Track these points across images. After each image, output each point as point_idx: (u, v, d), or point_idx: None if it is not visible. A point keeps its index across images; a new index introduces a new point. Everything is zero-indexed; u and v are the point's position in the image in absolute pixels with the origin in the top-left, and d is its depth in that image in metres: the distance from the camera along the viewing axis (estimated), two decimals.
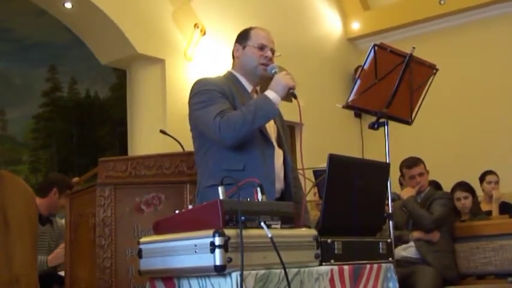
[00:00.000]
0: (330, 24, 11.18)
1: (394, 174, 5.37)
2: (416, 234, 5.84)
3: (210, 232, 2.65)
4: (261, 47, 3.83)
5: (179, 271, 2.82)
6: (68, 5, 7.82)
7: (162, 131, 5.57)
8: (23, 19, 10.02)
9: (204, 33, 8.46)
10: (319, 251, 3.11)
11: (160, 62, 8.24)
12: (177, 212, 2.98)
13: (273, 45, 3.89)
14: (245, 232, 2.70)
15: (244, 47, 3.87)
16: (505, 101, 9.77)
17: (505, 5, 10.01)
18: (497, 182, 7.86)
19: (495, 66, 9.93)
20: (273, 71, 3.76)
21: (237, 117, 3.53)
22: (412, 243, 5.83)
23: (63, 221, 5.95)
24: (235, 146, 3.60)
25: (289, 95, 3.65)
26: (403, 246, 5.84)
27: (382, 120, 4.70)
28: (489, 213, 7.45)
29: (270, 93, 3.60)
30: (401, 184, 7.28)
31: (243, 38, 3.90)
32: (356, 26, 11.35)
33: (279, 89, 3.61)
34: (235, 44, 3.94)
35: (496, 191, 7.72)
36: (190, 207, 3.02)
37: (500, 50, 9.92)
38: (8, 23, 10.29)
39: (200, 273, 2.75)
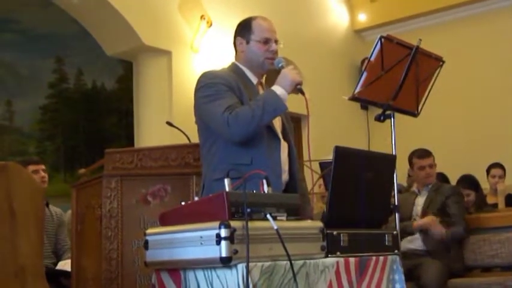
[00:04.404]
0: (337, 16, 11.17)
1: (400, 166, 5.37)
2: (417, 224, 5.81)
3: (216, 224, 2.65)
4: (266, 41, 3.78)
5: (185, 263, 2.83)
6: None
7: (169, 123, 5.58)
8: (29, 10, 10.00)
9: (211, 24, 8.45)
10: (325, 243, 3.12)
11: (167, 53, 8.24)
12: (183, 203, 2.98)
13: (276, 35, 3.83)
14: (251, 224, 2.70)
15: (248, 42, 3.81)
16: (509, 95, 9.76)
17: None
18: (501, 176, 7.87)
19: (503, 58, 9.91)
20: (280, 65, 3.72)
21: (245, 113, 3.50)
22: (417, 235, 5.82)
23: (64, 212, 6.00)
24: (243, 141, 3.59)
25: (296, 90, 3.64)
26: (409, 238, 5.84)
27: (388, 112, 4.70)
28: (495, 205, 7.47)
29: (277, 89, 3.58)
30: (409, 176, 7.28)
31: (245, 30, 3.84)
32: (363, 18, 11.34)
33: (285, 85, 3.59)
34: (236, 36, 3.88)
35: (501, 184, 7.74)
36: (196, 199, 3.03)
37: (509, 42, 9.89)
38: (14, 14, 10.27)
39: (206, 265, 2.75)
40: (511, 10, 10.03)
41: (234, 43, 3.92)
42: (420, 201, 5.99)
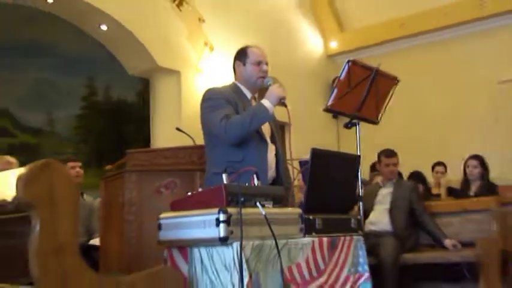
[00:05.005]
0: (313, 44, 11.20)
1: (364, 164, 5.37)
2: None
3: (216, 210, 2.66)
4: (258, 63, 3.85)
5: (191, 241, 2.83)
6: (103, 27, 7.83)
7: (178, 129, 5.56)
8: (66, 37, 10.05)
9: (212, 49, 8.48)
10: (303, 226, 3.13)
11: (177, 73, 8.26)
12: (189, 193, 2.98)
13: (266, 58, 3.91)
14: (244, 210, 2.71)
15: (244, 64, 3.88)
16: (451, 108, 9.84)
17: (444, 32, 10.08)
18: (443, 172, 7.93)
19: (445, 79, 9.99)
20: (268, 83, 3.78)
21: (238, 121, 3.56)
22: (377, 219, 5.79)
23: (95, 199, 5.99)
24: (237, 143, 3.62)
25: (280, 103, 3.68)
26: (372, 220, 5.81)
27: (354, 120, 4.71)
28: (438, 196, 7.50)
29: (265, 102, 3.62)
30: (374, 170, 7.29)
31: (242, 55, 3.91)
32: (334, 45, 11.37)
33: (272, 99, 3.63)
34: (235, 60, 3.94)
35: (443, 178, 7.80)
36: (200, 190, 3.03)
37: (450, 67, 9.98)
38: (54, 41, 10.33)
39: (208, 243, 2.76)
40: (453, 40, 10.10)
41: (233, 66, 3.97)
42: (384, 191, 5.94)
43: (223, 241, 2.64)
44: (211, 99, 3.72)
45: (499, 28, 9.66)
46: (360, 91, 4.67)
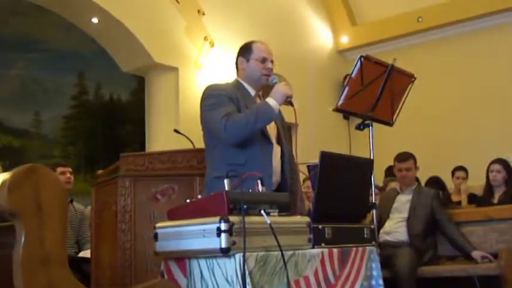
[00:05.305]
0: (322, 38, 11.19)
1: (378, 168, 5.36)
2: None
3: (217, 219, 2.66)
4: (263, 60, 3.86)
5: (190, 252, 2.83)
6: (95, 20, 7.85)
7: (176, 130, 5.56)
8: (54, 32, 10.05)
9: (213, 45, 8.48)
10: (311, 236, 3.13)
11: (174, 70, 8.26)
12: (188, 201, 2.98)
13: (272, 56, 3.91)
14: (247, 219, 2.70)
15: (248, 60, 3.88)
16: (473, 107, 9.80)
17: (466, 24, 10.06)
18: (464, 178, 7.90)
19: (466, 76, 9.96)
20: (274, 81, 3.80)
21: (241, 119, 3.56)
22: (393, 228, 5.78)
23: (85, 207, 6.00)
24: (239, 143, 3.62)
25: (287, 102, 3.68)
26: (387, 230, 5.80)
27: (367, 122, 4.71)
28: (459, 203, 7.49)
29: (270, 101, 3.63)
30: (389, 175, 7.29)
31: (245, 51, 3.92)
32: (345, 40, 11.35)
33: (278, 97, 3.64)
34: (238, 56, 3.95)
35: (464, 184, 7.77)
36: (199, 197, 3.03)
37: (472, 63, 9.94)
38: (41, 35, 10.34)
39: (208, 254, 2.76)
40: (462, 36, 10.08)
41: (236, 63, 3.99)
42: (402, 198, 5.92)
43: (225, 252, 2.64)
44: (212, 96, 3.73)
45: None
46: (374, 89, 4.67)
